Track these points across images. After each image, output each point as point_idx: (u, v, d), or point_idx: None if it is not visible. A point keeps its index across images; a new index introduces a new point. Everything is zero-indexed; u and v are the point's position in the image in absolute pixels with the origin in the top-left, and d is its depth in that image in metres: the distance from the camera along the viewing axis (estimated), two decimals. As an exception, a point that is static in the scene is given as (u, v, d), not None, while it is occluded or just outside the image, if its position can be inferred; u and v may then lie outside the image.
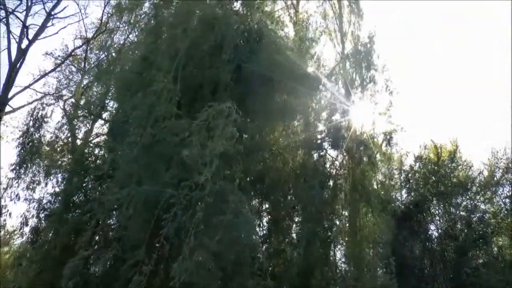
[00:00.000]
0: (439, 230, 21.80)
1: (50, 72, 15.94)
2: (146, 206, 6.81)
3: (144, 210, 6.81)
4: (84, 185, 9.50)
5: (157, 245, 6.99)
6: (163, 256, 6.82)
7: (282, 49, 10.81)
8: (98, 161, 9.97)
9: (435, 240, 21.76)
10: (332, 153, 14.02)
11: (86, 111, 11.73)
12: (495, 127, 32.46)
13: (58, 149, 12.23)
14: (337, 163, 13.96)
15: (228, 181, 6.66)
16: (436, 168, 21.71)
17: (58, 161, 11.08)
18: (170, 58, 8.21)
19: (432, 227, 22.25)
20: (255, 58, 9.76)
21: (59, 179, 9.83)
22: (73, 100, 13.94)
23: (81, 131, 13.45)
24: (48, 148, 11.60)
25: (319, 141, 13.59)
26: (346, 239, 13.16)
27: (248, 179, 8.02)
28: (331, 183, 13.18)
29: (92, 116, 11.51)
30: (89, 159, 10.13)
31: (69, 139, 12.57)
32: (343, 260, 13.22)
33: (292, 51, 11.51)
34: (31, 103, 14.91)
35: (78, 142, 12.61)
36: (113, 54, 16.74)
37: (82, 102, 13.13)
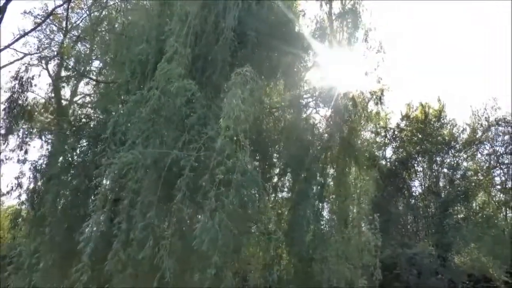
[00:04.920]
0: (423, 187, 23.24)
1: (30, 31, 15.85)
2: (155, 169, 7.41)
3: (154, 173, 7.41)
4: (79, 147, 10.03)
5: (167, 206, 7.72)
6: (175, 218, 7.35)
7: (279, 11, 11.33)
8: (91, 122, 10.38)
9: (419, 196, 23.24)
10: (321, 111, 14.64)
11: (73, 70, 11.94)
12: (478, 86, 33.73)
13: (49, 110, 12.60)
14: (325, 122, 14.66)
15: (230, 141, 7.21)
16: (422, 126, 22.83)
17: (50, 123, 11.46)
18: (181, 21, 8.60)
19: (416, 184, 23.73)
20: (253, 19, 10.26)
21: (54, 141, 10.20)
22: (57, 59, 14.12)
23: (66, 91, 13.79)
24: (38, 110, 12.00)
25: (308, 100, 14.28)
26: (333, 196, 13.97)
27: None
28: (320, 141, 13.86)
29: (82, 76, 11.77)
30: (83, 120, 10.53)
31: (56, 100, 12.90)
32: (329, 216, 13.92)
33: (287, 12, 12.01)
34: (12, 63, 15.01)
35: (64, 103, 12.98)
36: (96, 13, 16.80)
37: (66, 62, 13.23)
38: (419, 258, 20.17)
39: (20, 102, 11.35)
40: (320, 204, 13.21)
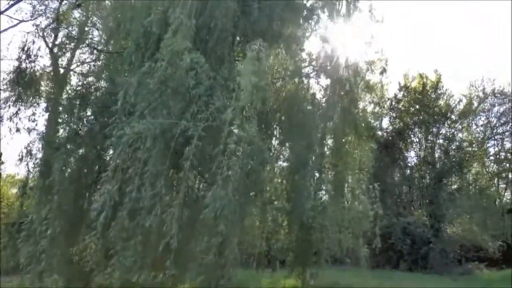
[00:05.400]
0: (418, 158, 23.64)
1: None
2: (163, 139, 7.56)
3: (162, 143, 7.56)
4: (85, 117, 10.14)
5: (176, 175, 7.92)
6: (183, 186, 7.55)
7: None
8: (96, 92, 10.45)
9: (414, 167, 23.67)
10: (322, 81, 14.70)
11: (76, 39, 11.83)
12: (476, 57, 33.84)
13: (50, 79, 12.58)
14: (325, 92, 14.75)
15: (240, 112, 7.37)
16: (420, 97, 23.01)
17: (54, 92, 11.46)
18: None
19: (412, 154, 24.13)
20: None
21: (60, 111, 10.28)
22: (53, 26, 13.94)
23: (63, 60, 13.68)
24: (43, 80, 12.00)
25: (309, 71, 14.35)
26: (332, 165, 14.18)
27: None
28: (320, 111, 13.97)
29: (86, 46, 11.68)
30: (88, 90, 10.57)
31: (55, 69, 12.82)
32: (328, 185, 14.13)
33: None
34: (6, 29, 14.77)
35: (61, 71, 12.89)
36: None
37: (69, 31, 13.04)
38: (413, 227, 20.75)
39: (27, 72, 11.43)
40: (319, 174, 13.42)
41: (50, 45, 13.37)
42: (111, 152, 7.54)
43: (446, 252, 20.16)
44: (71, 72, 12.77)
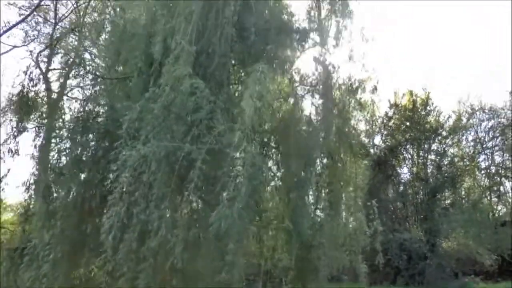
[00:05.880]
0: (411, 174, 24.02)
1: (19, 22, 15.75)
2: (167, 162, 7.82)
3: (166, 166, 7.82)
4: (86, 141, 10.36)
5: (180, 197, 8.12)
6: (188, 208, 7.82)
7: (274, 6, 11.82)
8: (98, 118, 10.68)
9: (408, 183, 24.02)
10: (316, 101, 15.02)
11: (79, 66, 12.07)
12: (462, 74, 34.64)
13: (47, 105, 12.81)
14: (318, 111, 15.09)
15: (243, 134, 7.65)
16: (410, 114, 23.51)
17: (53, 117, 11.68)
18: (186, 20, 8.97)
19: (405, 171, 24.51)
20: (251, 15, 10.68)
21: (63, 137, 10.47)
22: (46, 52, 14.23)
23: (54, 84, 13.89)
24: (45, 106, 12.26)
25: (304, 93, 14.73)
26: (329, 184, 14.42)
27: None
28: (315, 130, 14.27)
29: (88, 73, 11.91)
30: (89, 115, 10.80)
31: (48, 94, 13.04)
32: (325, 204, 14.32)
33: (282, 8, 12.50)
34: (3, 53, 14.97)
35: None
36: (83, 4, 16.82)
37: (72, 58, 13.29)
38: (409, 243, 20.97)
39: (30, 97, 11.69)
40: (316, 192, 13.66)
41: (44, 70, 13.65)
42: (115, 175, 7.72)
43: (442, 266, 20.37)
44: (65, 97, 13.02)
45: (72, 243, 9.64)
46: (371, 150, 23.13)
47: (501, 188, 24.52)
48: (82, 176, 10.00)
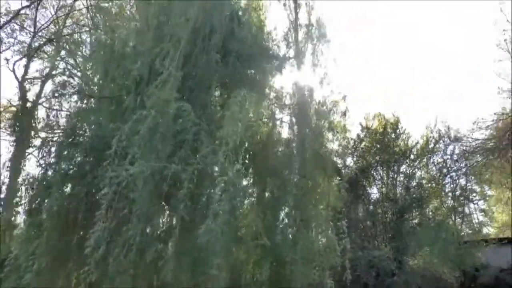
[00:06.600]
0: (381, 194, 24.90)
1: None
2: (153, 181, 8.32)
3: (152, 184, 8.31)
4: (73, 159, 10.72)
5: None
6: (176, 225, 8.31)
7: (257, 33, 12.54)
8: (85, 135, 11.05)
9: (377, 203, 24.88)
10: (291, 123, 15.70)
11: (74, 87, 12.41)
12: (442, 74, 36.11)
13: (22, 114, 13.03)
14: (293, 132, 15.75)
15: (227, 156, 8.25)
16: (381, 137, 24.50)
17: (22, 128, 11.94)
18: (174, 46, 9.55)
19: (375, 191, 25.39)
20: (234, 41, 11.37)
21: (51, 152, 10.76)
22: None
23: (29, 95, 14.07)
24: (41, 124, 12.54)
25: (281, 116, 15.44)
26: (301, 203, 14.99)
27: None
28: (292, 151, 14.93)
29: (78, 92, 12.23)
30: (76, 132, 11.15)
31: (23, 104, 13.26)
32: (298, 222, 14.85)
33: (263, 32, 13.23)
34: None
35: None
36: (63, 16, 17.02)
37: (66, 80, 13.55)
38: (378, 261, 21.62)
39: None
40: (290, 211, 14.23)
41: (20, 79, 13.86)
42: (102, 192, 8.14)
43: (409, 283, 21.07)
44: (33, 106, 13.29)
45: (56, 254, 9.95)
46: (343, 171, 23.89)
47: (466, 209, 25.64)
48: (68, 190, 10.36)
